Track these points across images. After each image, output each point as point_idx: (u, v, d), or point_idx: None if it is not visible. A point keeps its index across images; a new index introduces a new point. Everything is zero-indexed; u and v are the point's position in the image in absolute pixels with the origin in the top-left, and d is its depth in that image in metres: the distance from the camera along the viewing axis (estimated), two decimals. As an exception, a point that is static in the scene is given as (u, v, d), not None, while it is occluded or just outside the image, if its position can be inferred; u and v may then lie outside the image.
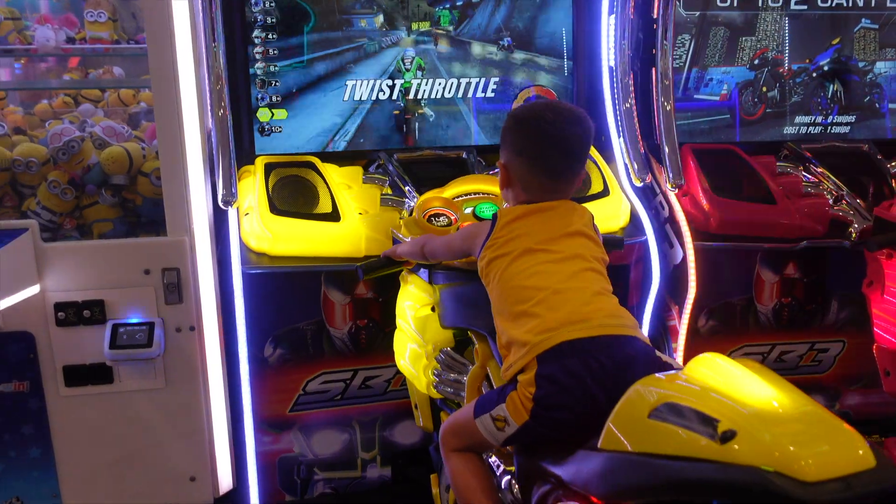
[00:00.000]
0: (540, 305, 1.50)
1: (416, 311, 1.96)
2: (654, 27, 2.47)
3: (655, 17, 2.46)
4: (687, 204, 2.47)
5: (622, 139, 2.52)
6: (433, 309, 1.92)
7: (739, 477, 0.97)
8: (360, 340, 2.31)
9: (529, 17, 2.56)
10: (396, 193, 2.33)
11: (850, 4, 2.69)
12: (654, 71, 2.48)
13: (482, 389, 1.78)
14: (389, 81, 2.50)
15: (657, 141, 2.48)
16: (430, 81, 2.52)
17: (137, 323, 2.14)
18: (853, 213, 2.42)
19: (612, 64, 2.54)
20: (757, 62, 2.68)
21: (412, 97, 2.52)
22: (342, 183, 2.37)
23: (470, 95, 2.56)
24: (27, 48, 2.51)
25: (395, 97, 2.51)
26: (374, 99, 2.50)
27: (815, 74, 2.72)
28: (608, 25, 2.53)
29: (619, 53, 2.50)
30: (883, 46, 2.73)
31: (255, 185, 2.28)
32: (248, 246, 2.20)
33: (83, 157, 2.35)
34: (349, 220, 2.23)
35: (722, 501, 1.05)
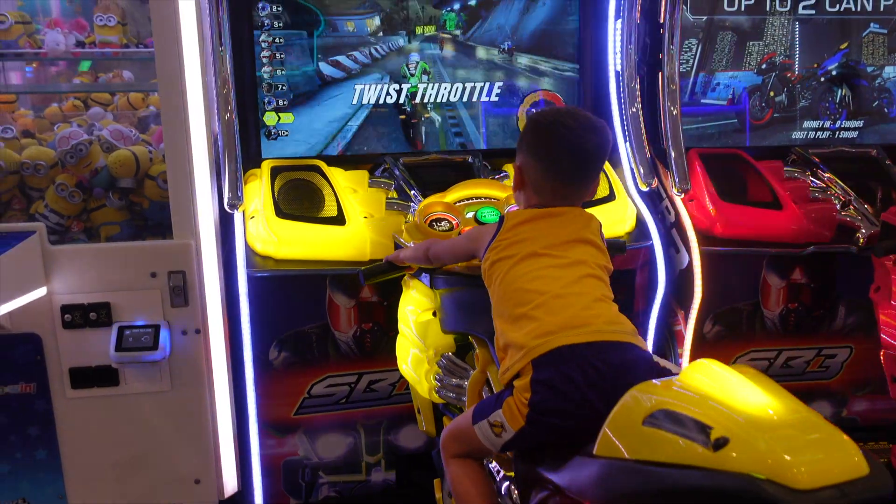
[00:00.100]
0: (540, 309, 1.50)
1: (417, 315, 1.96)
2: (660, 32, 2.47)
3: (662, 21, 2.46)
4: (693, 209, 2.46)
5: (628, 144, 2.52)
6: (435, 314, 1.93)
7: (732, 484, 0.96)
8: (364, 344, 2.32)
9: (536, 21, 2.56)
10: (402, 197, 2.34)
11: (858, 9, 2.68)
12: (660, 75, 2.48)
13: (483, 394, 1.78)
14: (396, 85, 2.51)
15: (663, 145, 2.48)
16: (436, 85, 2.53)
17: (143, 325, 2.16)
18: (861, 218, 2.40)
19: (618, 68, 2.54)
20: (765, 67, 2.67)
21: (418, 101, 2.53)
22: (348, 187, 2.38)
23: (476, 99, 2.56)
24: (37, 52, 2.53)
25: (401, 101, 2.52)
26: (380, 103, 2.51)
27: (823, 79, 2.70)
28: (614, 30, 2.53)
29: (625, 58, 2.50)
30: (892, 51, 2.72)
31: (260, 188, 2.29)
32: (253, 249, 2.21)
33: (91, 160, 2.36)
34: (354, 223, 2.24)
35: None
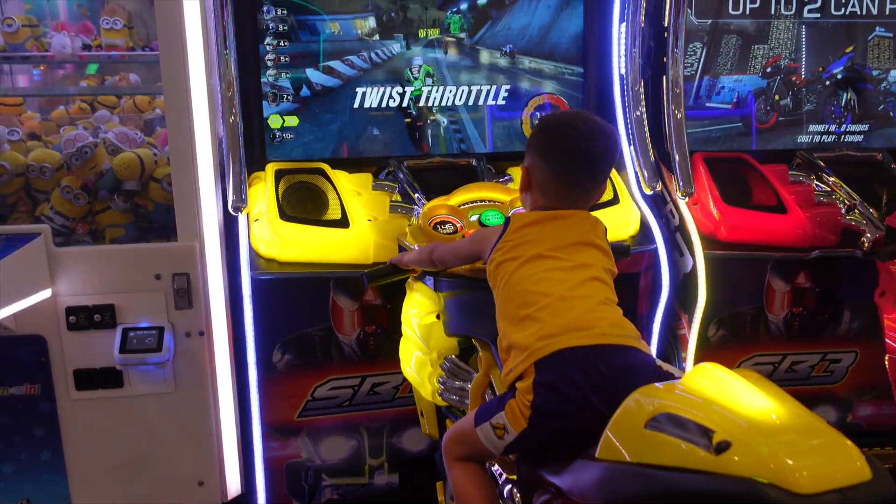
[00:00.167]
0: (544, 311, 1.49)
1: (421, 318, 1.96)
2: (665, 35, 2.46)
3: (666, 25, 2.45)
4: (697, 212, 2.46)
5: (632, 147, 2.51)
6: (438, 317, 1.93)
7: (733, 488, 0.96)
8: (368, 347, 2.32)
9: (540, 24, 2.56)
10: (406, 200, 2.34)
11: (864, 12, 2.67)
12: (664, 79, 2.47)
13: (486, 397, 1.78)
14: (399, 89, 2.51)
15: (668, 149, 2.48)
16: (440, 89, 2.53)
17: (147, 327, 2.16)
18: (866, 222, 2.39)
19: (622, 72, 2.54)
20: (769, 70, 2.66)
21: (422, 104, 2.53)
22: (352, 190, 2.38)
23: (482, 103, 2.57)
24: (44, 55, 2.54)
25: (405, 104, 2.52)
26: (384, 106, 2.51)
27: (828, 83, 2.70)
28: (619, 33, 2.53)
29: (629, 61, 2.50)
30: (897, 55, 2.71)
31: (265, 191, 2.29)
32: (257, 252, 2.21)
33: (96, 162, 2.38)
34: (358, 226, 2.24)
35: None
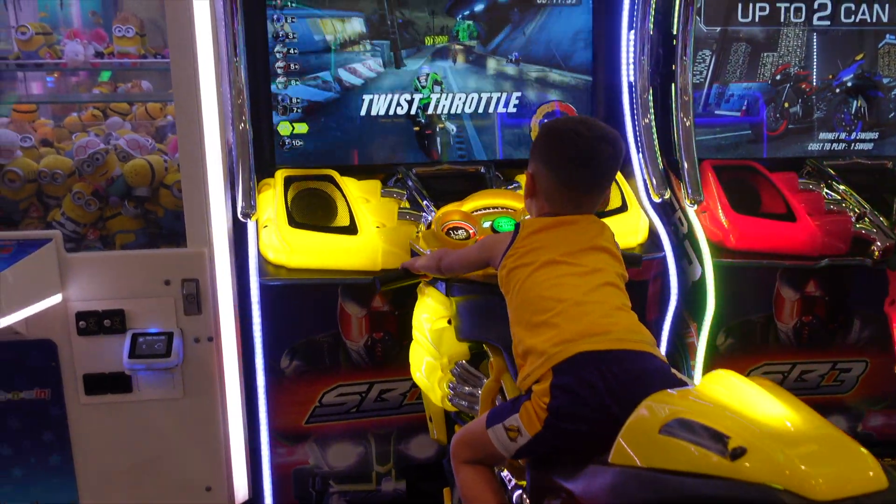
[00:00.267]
0: (560, 316, 1.50)
1: (432, 323, 1.97)
2: (673, 43, 2.47)
3: (675, 32, 2.46)
4: (706, 220, 2.45)
5: (641, 155, 2.51)
6: (449, 322, 1.93)
7: (749, 494, 0.96)
8: (376, 353, 2.31)
9: (548, 32, 2.57)
10: (414, 207, 2.34)
11: (874, 20, 2.67)
12: (673, 86, 2.48)
13: (496, 403, 1.78)
14: (408, 96, 2.52)
15: (676, 157, 2.48)
16: (448, 96, 2.54)
17: (156, 333, 2.16)
18: (876, 231, 2.38)
19: (631, 79, 2.54)
20: (779, 78, 2.66)
21: (431, 112, 2.54)
22: (360, 196, 2.39)
23: (493, 111, 2.57)
24: (57, 62, 2.56)
25: (413, 112, 2.53)
26: (392, 113, 2.52)
27: (838, 90, 2.69)
28: (628, 41, 2.53)
29: (637, 69, 2.50)
30: (908, 63, 2.71)
31: (274, 197, 2.30)
32: (266, 258, 2.21)
33: (107, 169, 2.39)
34: (366, 233, 2.24)
35: (731, 519, 1.04)
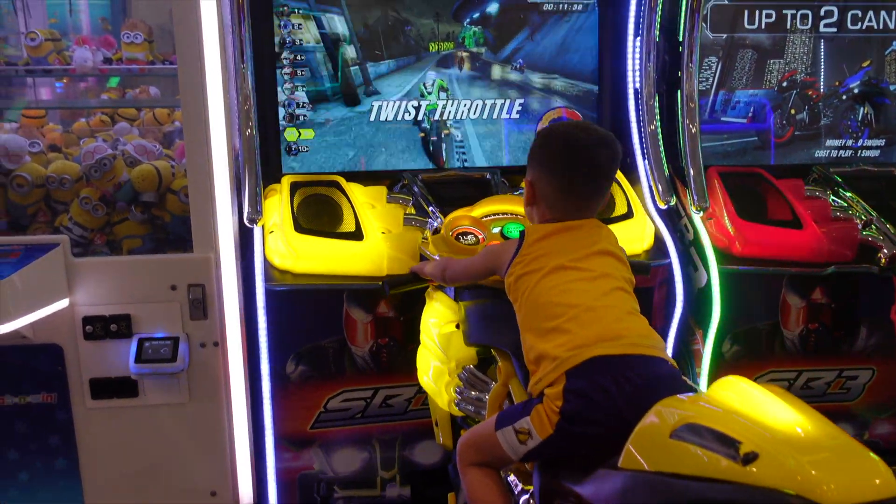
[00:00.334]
0: (572, 322, 1.50)
1: (440, 327, 1.97)
2: (679, 49, 2.47)
3: (681, 39, 2.47)
4: (712, 227, 2.45)
5: (646, 161, 2.52)
6: (458, 326, 1.93)
7: (760, 499, 0.96)
8: (381, 359, 2.31)
9: (555, 39, 2.58)
10: (420, 213, 2.34)
11: (881, 27, 2.67)
12: (679, 93, 2.48)
13: (503, 407, 1.77)
14: (414, 102, 2.52)
15: (682, 163, 2.48)
16: (454, 102, 2.55)
17: (163, 338, 2.17)
18: (882, 238, 2.38)
19: (637, 86, 2.55)
20: (785, 84, 2.66)
21: (437, 118, 2.54)
22: (366, 202, 2.40)
23: (497, 117, 2.58)
24: (66, 68, 2.57)
25: (419, 118, 2.53)
26: (398, 119, 2.52)
27: (844, 97, 2.69)
28: (633, 48, 2.54)
29: (643, 76, 2.51)
30: (915, 70, 2.71)
31: (280, 203, 2.30)
32: (272, 263, 2.22)
33: (115, 174, 2.39)
34: (372, 239, 2.24)
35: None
